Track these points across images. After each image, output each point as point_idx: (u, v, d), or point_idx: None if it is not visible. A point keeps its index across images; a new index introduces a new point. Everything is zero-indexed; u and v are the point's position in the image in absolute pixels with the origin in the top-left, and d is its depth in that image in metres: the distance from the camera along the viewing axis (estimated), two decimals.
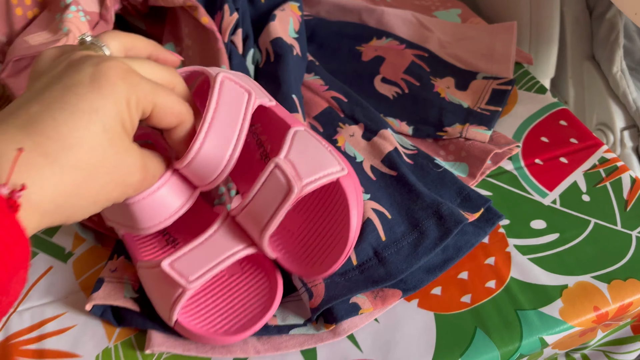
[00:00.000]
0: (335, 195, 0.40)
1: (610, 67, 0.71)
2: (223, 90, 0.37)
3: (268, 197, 0.37)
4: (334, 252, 0.39)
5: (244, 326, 0.40)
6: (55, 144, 0.28)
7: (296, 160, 0.37)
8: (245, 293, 0.42)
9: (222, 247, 0.39)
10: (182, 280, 0.38)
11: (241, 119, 0.37)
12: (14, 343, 0.43)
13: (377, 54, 0.62)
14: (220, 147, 0.37)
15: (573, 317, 0.42)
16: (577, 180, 0.51)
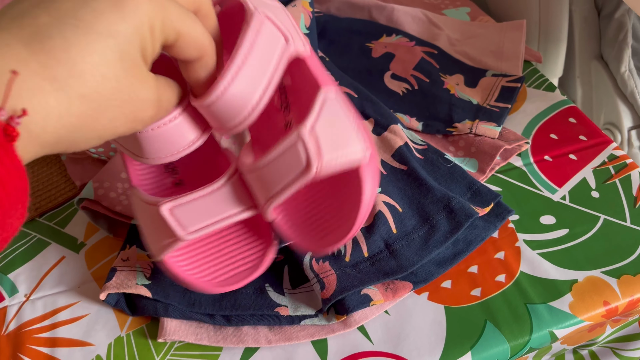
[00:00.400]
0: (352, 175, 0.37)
1: (618, 66, 0.71)
2: (260, 32, 0.33)
3: (282, 169, 0.34)
4: (337, 232, 0.36)
5: (227, 281, 0.39)
6: (64, 69, 0.24)
7: (321, 133, 0.34)
8: (237, 250, 0.41)
9: (226, 204, 0.37)
10: (180, 229, 0.36)
11: (273, 67, 0.33)
12: (26, 331, 0.43)
13: (386, 50, 0.62)
14: (247, 93, 0.33)
15: (583, 311, 0.42)
16: (586, 177, 0.51)
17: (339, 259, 0.43)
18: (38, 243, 0.49)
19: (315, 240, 0.37)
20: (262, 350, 0.41)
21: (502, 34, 0.64)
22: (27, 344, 0.42)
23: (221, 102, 0.32)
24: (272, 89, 0.33)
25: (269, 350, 0.41)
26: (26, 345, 0.42)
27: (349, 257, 0.43)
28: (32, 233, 0.50)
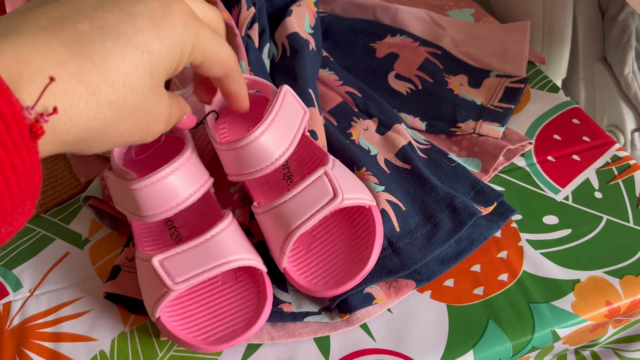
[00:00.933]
0: (362, 221, 0.42)
1: (621, 68, 0.71)
2: (285, 100, 0.39)
3: (310, 199, 0.39)
4: (347, 274, 0.40)
5: (222, 338, 0.39)
6: (99, 76, 0.25)
7: (339, 176, 0.40)
8: (233, 304, 0.41)
9: (219, 252, 0.38)
10: (168, 280, 0.37)
11: (296, 128, 0.40)
12: (30, 326, 0.43)
13: (391, 50, 0.63)
14: (274, 145, 0.38)
15: (585, 310, 0.42)
16: (589, 178, 0.51)
17: None
18: (43, 239, 0.49)
19: (327, 284, 0.40)
20: (265, 346, 0.41)
21: (506, 36, 0.64)
22: (31, 339, 0.42)
23: (252, 147, 0.38)
24: (294, 145, 0.39)
25: (272, 346, 0.41)
26: (30, 340, 0.42)
27: None
28: (36, 229, 0.50)
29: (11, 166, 0.21)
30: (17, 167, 0.22)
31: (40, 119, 0.23)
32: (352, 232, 0.42)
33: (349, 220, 0.43)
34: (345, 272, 0.40)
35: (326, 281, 0.41)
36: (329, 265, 0.41)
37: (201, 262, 0.38)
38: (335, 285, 0.40)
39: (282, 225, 0.39)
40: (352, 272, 0.40)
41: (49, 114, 0.23)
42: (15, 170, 0.22)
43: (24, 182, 0.22)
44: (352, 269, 0.40)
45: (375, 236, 0.40)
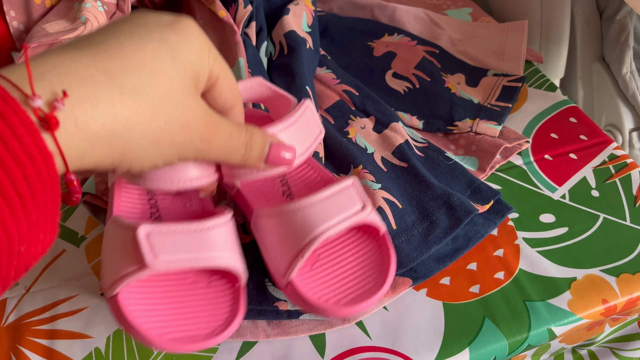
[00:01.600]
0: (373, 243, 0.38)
1: (620, 68, 0.71)
2: (306, 113, 0.37)
3: (335, 207, 0.35)
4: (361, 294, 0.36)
5: (179, 339, 0.34)
6: (117, 62, 0.24)
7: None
8: (200, 307, 0.36)
9: (212, 245, 0.34)
10: (150, 255, 0.32)
11: (309, 144, 0.37)
12: (26, 323, 0.43)
13: (388, 49, 0.63)
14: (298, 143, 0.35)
15: (581, 309, 0.42)
16: (586, 176, 0.51)
17: None
18: None
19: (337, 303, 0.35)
20: (260, 344, 0.41)
21: (503, 35, 0.64)
22: (27, 336, 0.42)
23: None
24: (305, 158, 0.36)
25: (267, 344, 0.41)
26: (25, 337, 0.42)
27: None
28: None
29: (24, 178, 0.20)
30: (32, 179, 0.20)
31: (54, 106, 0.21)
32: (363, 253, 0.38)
33: (358, 241, 0.39)
34: (358, 293, 0.36)
35: (337, 300, 0.36)
36: (338, 285, 0.37)
37: (190, 248, 0.34)
38: (347, 304, 0.35)
39: (302, 230, 0.35)
40: (365, 293, 0.36)
41: (61, 99, 0.22)
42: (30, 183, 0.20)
43: (40, 197, 0.21)
44: (365, 290, 0.36)
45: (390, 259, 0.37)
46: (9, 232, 0.20)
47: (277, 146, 0.33)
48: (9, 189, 0.19)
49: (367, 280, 0.36)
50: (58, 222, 0.23)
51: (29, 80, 0.21)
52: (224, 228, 0.36)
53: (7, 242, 0.20)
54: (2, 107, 0.20)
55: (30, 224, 0.21)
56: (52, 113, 0.21)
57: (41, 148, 0.21)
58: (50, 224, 0.22)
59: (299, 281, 0.36)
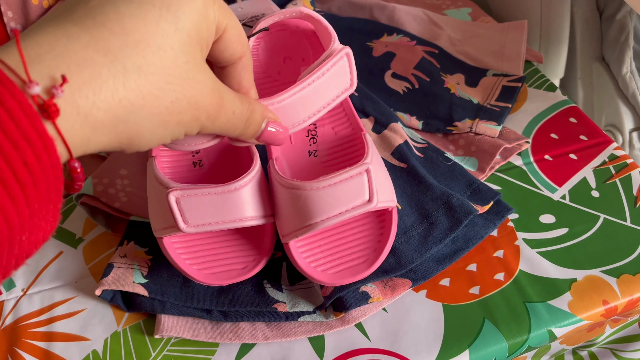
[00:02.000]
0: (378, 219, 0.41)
1: (620, 68, 0.71)
2: (335, 66, 0.37)
3: (343, 195, 0.36)
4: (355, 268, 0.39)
5: (219, 275, 0.40)
6: (118, 39, 0.23)
7: (375, 173, 0.37)
8: (233, 249, 0.41)
9: (238, 207, 0.37)
10: (182, 222, 0.36)
11: (330, 99, 0.37)
12: (23, 326, 0.43)
13: (387, 49, 0.62)
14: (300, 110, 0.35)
15: (582, 310, 0.42)
16: (586, 177, 0.51)
17: None
18: None
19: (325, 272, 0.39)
20: (259, 346, 0.41)
21: (503, 34, 0.64)
22: (24, 339, 0.42)
23: (278, 108, 0.34)
24: (321, 115, 0.37)
25: (266, 346, 0.41)
26: (22, 339, 0.42)
27: None
28: None
29: (25, 165, 0.19)
30: (32, 166, 0.19)
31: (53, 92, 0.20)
32: (364, 228, 0.41)
33: (364, 216, 0.41)
34: (347, 267, 0.39)
35: (325, 269, 0.39)
36: (331, 256, 0.40)
37: (218, 213, 0.37)
38: (336, 277, 0.39)
39: (303, 212, 0.37)
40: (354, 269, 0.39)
41: (60, 84, 0.20)
42: (30, 169, 0.19)
43: (42, 184, 0.20)
44: (355, 265, 0.39)
45: (388, 238, 0.39)
46: (10, 221, 0.19)
47: (273, 124, 0.33)
48: (8, 176, 0.19)
49: (360, 256, 0.39)
50: (60, 208, 0.22)
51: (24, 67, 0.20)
52: (250, 186, 0.38)
53: (8, 231, 0.19)
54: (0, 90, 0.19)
55: (32, 212, 0.20)
56: (51, 100, 0.20)
57: (41, 133, 0.20)
58: (52, 212, 0.21)
59: (295, 245, 0.40)
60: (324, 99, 0.37)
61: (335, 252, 0.40)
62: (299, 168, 0.43)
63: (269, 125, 0.32)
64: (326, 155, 0.44)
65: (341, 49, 0.37)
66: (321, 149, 0.43)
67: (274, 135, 0.33)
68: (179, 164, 0.43)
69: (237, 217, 0.37)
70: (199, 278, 0.40)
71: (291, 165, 0.43)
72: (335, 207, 0.36)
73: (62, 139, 0.21)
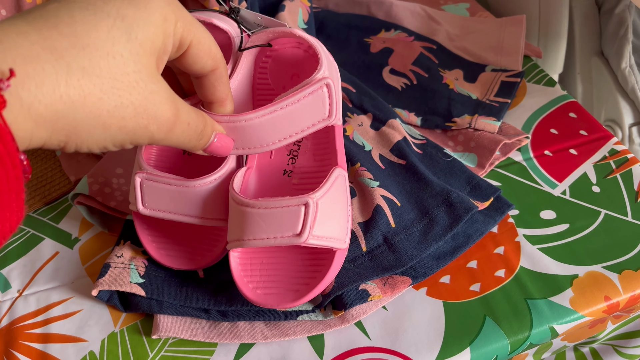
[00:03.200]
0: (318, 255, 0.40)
1: (619, 62, 0.71)
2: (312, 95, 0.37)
3: (273, 221, 0.36)
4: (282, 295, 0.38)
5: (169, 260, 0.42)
6: (66, 41, 0.23)
7: (322, 208, 0.37)
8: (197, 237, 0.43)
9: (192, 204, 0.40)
10: (140, 202, 0.40)
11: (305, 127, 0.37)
12: (19, 327, 0.42)
13: (385, 45, 0.62)
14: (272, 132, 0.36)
15: (584, 306, 0.41)
16: (587, 172, 0.50)
17: None
18: (32, 238, 0.49)
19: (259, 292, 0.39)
20: (258, 345, 0.40)
21: (501, 29, 0.63)
22: (20, 340, 0.41)
23: (245, 126, 0.35)
24: (293, 140, 0.37)
25: (265, 345, 0.40)
26: (18, 341, 0.41)
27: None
28: (25, 228, 0.49)
29: None
30: None
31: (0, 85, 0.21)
32: (303, 261, 0.40)
33: (303, 249, 0.40)
34: (276, 294, 0.39)
35: (255, 287, 0.39)
36: (267, 278, 0.40)
37: (173, 204, 0.39)
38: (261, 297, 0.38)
39: (239, 226, 0.37)
40: (280, 297, 0.38)
41: (7, 78, 0.21)
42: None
43: (1, 172, 0.20)
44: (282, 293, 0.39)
45: (323, 277, 0.38)
46: None
47: (220, 137, 0.34)
48: None
49: (294, 284, 0.39)
50: (24, 198, 0.22)
51: None
52: (210, 187, 0.39)
53: None
54: None
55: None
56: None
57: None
58: (15, 201, 0.22)
59: (234, 255, 0.40)
60: (297, 126, 0.37)
61: (271, 275, 0.40)
62: (268, 183, 0.43)
63: (217, 138, 0.33)
64: (299, 178, 0.43)
65: (321, 79, 0.37)
66: (297, 171, 0.43)
67: (220, 148, 0.34)
68: (166, 152, 0.44)
69: (189, 212, 0.40)
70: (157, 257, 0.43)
71: (261, 178, 0.43)
72: (264, 231, 0.36)
73: (8, 130, 0.21)
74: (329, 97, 0.37)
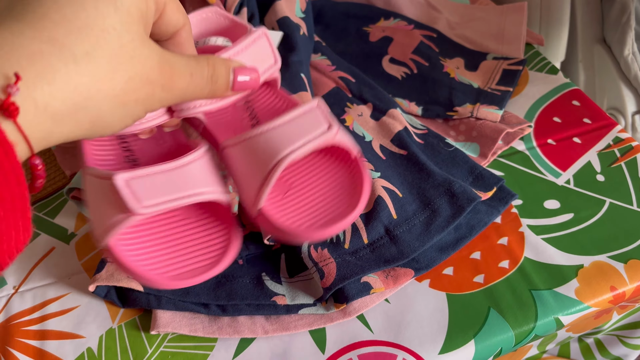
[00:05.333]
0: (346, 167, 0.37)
1: (621, 49, 0.70)
2: (260, 40, 0.36)
3: (302, 127, 0.34)
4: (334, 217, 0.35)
5: (182, 275, 0.34)
6: (61, 28, 0.23)
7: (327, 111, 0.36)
8: (196, 241, 0.36)
9: (193, 181, 0.34)
10: (134, 202, 0.32)
11: (264, 69, 0.36)
12: (15, 324, 0.42)
13: (384, 34, 0.61)
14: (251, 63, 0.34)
15: (589, 297, 0.41)
16: (591, 160, 0.49)
17: (338, 247, 0.42)
18: None
19: (310, 226, 0.35)
20: (259, 340, 0.40)
21: (502, 17, 0.62)
22: (16, 337, 0.41)
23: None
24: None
25: (266, 340, 0.40)
26: (15, 338, 0.41)
27: (348, 244, 0.42)
28: None
29: None
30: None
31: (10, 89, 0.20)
32: (335, 178, 0.37)
33: (331, 165, 0.38)
34: (332, 216, 0.35)
35: (310, 223, 0.35)
36: (311, 209, 0.36)
37: (172, 188, 0.33)
38: (321, 227, 0.34)
39: (266, 154, 0.34)
40: (339, 215, 0.35)
41: (15, 82, 0.20)
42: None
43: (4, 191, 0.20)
44: (339, 212, 0.35)
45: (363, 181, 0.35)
46: None
47: (241, 70, 0.32)
48: None
49: (340, 203, 0.35)
50: (30, 217, 0.21)
51: None
52: (201, 161, 0.35)
53: None
54: None
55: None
56: (9, 99, 0.20)
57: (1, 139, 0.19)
58: (21, 220, 0.21)
59: (270, 209, 0.35)
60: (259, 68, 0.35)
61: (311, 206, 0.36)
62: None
63: (238, 74, 0.32)
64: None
65: (257, 29, 0.36)
66: (262, 121, 0.40)
67: (246, 82, 0.32)
68: (115, 167, 0.39)
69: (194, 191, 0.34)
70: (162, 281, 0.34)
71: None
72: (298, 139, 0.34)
73: (24, 135, 0.21)
74: (270, 45, 0.37)
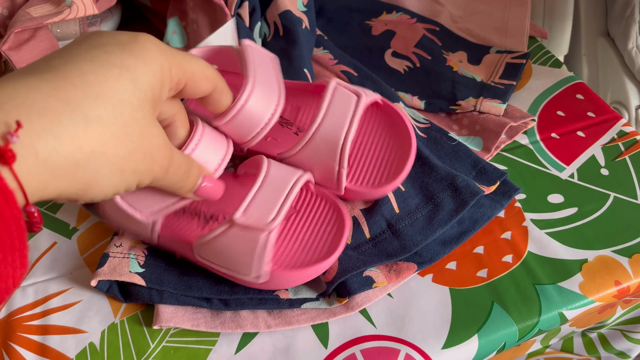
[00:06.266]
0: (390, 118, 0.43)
1: (625, 43, 0.69)
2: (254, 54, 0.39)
3: (339, 109, 0.39)
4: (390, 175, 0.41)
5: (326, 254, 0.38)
6: (79, 91, 0.24)
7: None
8: (318, 223, 0.41)
9: (282, 181, 0.38)
10: (261, 224, 0.36)
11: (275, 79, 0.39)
12: (17, 319, 0.42)
13: (387, 28, 0.61)
14: (263, 105, 0.37)
15: (594, 291, 0.40)
16: (595, 154, 0.49)
17: None
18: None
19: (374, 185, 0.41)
20: (261, 335, 0.40)
21: (506, 10, 0.62)
22: (18, 332, 0.41)
23: (243, 113, 0.36)
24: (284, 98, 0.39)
25: (268, 335, 0.40)
26: (17, 333, 0.41)
27: (350, 239, 0.42)
28: None
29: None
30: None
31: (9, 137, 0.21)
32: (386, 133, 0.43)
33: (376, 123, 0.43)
34: (388, 173, 0.41)
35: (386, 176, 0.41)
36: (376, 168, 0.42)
37: (276, 195, 0.38)
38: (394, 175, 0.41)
39: (328, 143, 0.39)
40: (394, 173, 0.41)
41: (14, 131, 0.21)
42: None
43: (4, 235, 0.20)
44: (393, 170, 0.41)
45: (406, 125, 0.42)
46: None
47: (208, 179, 0.35)
48: None
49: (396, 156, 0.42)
50: (27, 255, 0.22)
51: None
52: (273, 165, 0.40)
53: None
54: None
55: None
56: (7, 146, 0.21)
57: (1, 186, 0.20)
58: (19, 258, 0.22)
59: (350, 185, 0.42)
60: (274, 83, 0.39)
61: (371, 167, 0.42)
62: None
63: (204, 181, 0.35)
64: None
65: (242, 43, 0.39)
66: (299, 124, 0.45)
67: (209, 189, 0.35)
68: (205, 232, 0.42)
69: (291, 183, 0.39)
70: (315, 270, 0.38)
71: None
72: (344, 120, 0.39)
73: (19, 183, 0.21)
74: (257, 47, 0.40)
